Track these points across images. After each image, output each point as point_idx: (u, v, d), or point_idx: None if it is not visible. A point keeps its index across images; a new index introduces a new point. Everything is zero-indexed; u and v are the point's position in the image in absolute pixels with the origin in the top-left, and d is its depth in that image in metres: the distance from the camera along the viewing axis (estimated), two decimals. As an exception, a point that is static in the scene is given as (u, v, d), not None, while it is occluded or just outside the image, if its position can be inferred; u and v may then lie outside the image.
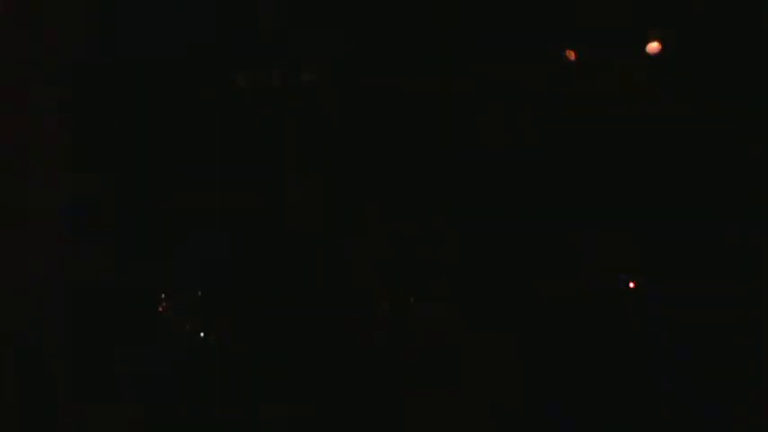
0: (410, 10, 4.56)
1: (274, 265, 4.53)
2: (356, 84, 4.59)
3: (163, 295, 4.51)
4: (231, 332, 4.50)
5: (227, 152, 4.56)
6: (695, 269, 4.33)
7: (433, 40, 4.55)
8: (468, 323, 4.42)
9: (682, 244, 4.36)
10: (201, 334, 4.51)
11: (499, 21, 4.54)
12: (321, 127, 4.60)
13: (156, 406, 4.24)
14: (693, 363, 4.22)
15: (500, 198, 4.51)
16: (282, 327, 4.47)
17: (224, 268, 4.52)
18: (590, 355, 4.32)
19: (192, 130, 4.55)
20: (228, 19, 4.54)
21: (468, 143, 4.56)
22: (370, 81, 4.58)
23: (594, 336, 4.36)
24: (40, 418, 4.13)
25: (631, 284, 4.41)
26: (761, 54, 4.34)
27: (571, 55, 4.51)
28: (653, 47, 4.39)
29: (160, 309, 4.50)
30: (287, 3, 4.58)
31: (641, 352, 4.31)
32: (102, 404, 4.19)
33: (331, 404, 4.32)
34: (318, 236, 4.56)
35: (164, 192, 4.53)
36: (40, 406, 4.14)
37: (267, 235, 4.55)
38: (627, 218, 4.43)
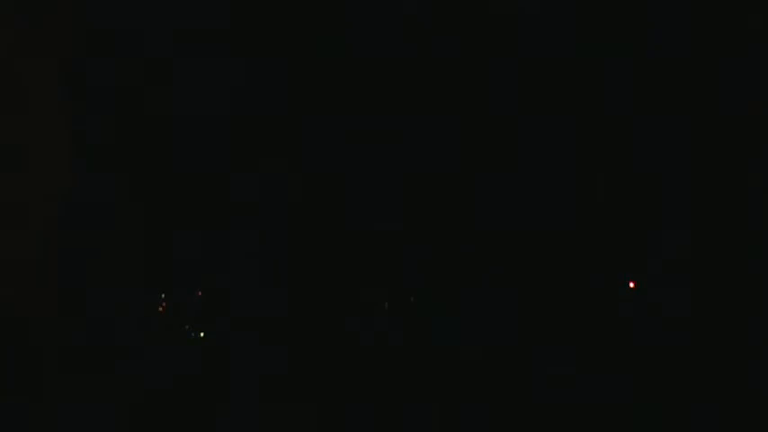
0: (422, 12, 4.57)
1: (274, 264, 4.53)
2: (357, 83, 4.60)
3: (163, 295, 4.52)
4: (231, 332, 4.51)
5: (228, 151, 4.57)
6: (694, 268, 4.34)
7: (439, 41, 4.56)
8: (468, 322, 4.43)
9: (681, 243, 4.37)
10: (201, 334, 4.52)
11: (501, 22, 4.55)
12: (321, 126, 4.61)
13: (155, 405, 4.25)
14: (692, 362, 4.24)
15: (501, 198, 4.52)
16: (282, 326, 4.48)
17: (224, 268, 4.53)
18: (590, 354, 4.33)
19: (192, 130, 4.56)
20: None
21: (468, 143, 4.57)
22: (370, 81, 4.59)
23: (594, 335, 4.37)
24: (39, 417, 4.13)
25: (631, 284, 4.42)
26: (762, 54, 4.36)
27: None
28: None
29: (160, 309, 4.51)
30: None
31: (640, 352, 4.32)
32: (100, 404, 4.20)
33: (331, 404, 4.32)
34: (319, 235, 4.56)
35: (163, 190, 4.54)
36: (39, 406, 4.15)
37: (267, 234, 4.55)
38: (627, 218, 4.45)
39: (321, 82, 4.60)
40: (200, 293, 4.56)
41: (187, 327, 4.52)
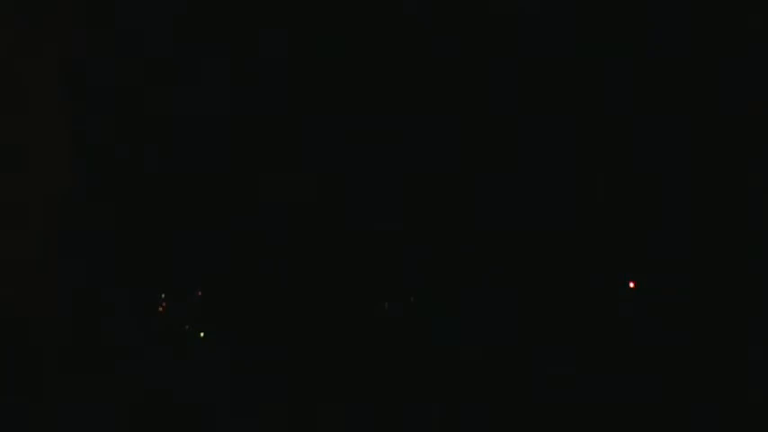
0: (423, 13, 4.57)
1: (274, 264, 4.53)
2: (357, 83, 4.60)
3: (163, 295, 4.52)
4: (231, 332, 4.50)
5: (228, 151, 4.57)
6: (694, 268, 4.34)
7: (439, 41, 4.56)
8: (468, 322, 4.43)
9: (681, 243, 4.37)
10: (201, 334, 4.52)
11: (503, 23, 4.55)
12: (321, 126, 4.61)
13: (155, 405, 4.25)
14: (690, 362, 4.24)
15: (501, 198, 4.51)
16: (282, 326, 4.48)
17: (224, 268, 4.53)
18: (590, 354, 4.33)
19: (192, 130, 4.56)
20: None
21: (468, 143, 4.56)
22: (370, 81, 4.59)
23: (594, 335, 4.37)
24: (39, 417, 4.13)
25: (631, 284, 4.41)
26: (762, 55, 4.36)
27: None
28: None
29: (160, 309, 4.51)
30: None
31: (640, 352, 4.32)
32: (100, 404, 4.20)
33: (331, 404, 4.32)
34: (319, 235, 4.56)
35: (163, 190, 4.54)
36: (39, 406, 4.15)
37: (267, 234, 4.55)
38: (627, 218, 4.45)
39: (321, 82, 4.59)
40: (200, 293, 4.56)
41: (187, 327, 4.51)
